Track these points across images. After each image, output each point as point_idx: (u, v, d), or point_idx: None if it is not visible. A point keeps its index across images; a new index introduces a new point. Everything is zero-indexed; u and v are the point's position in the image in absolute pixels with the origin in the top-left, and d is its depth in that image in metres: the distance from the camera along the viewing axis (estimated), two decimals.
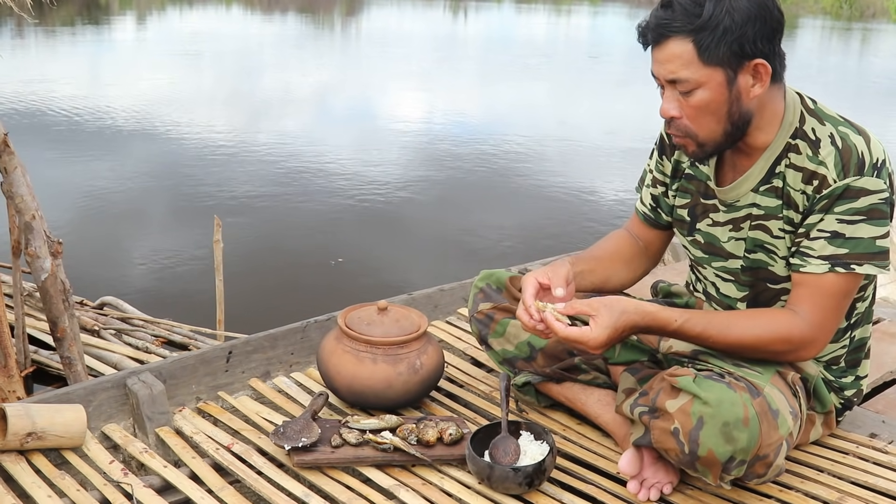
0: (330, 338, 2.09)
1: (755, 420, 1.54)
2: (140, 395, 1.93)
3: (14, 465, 1.72)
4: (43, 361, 3.00)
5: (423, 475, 1.80)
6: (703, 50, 1.57)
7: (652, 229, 2.02)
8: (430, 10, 25.07)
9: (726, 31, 1.55)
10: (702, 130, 1.66)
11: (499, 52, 15.61)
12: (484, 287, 2.08)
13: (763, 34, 1.57)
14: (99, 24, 16.56)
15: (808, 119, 1.68)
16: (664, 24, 1.59)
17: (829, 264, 1.64)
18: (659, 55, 1.62)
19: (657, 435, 1.62)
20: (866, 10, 27.15)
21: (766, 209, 1.73)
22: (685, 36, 1.57)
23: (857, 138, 1.64)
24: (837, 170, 1.62)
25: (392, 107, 9.60)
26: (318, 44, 16.09)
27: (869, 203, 1.61)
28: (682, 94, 1.63)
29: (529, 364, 2.03)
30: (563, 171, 6.78)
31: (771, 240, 1.74)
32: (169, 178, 6.05)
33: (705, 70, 1.58)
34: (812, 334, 1.66)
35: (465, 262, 4.48)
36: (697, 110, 1.63)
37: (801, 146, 1.67)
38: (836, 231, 1.62)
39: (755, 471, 1.60)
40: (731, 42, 1.56)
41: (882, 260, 1.64)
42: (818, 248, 1.64)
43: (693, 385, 1.58)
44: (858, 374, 1.93)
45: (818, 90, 7.31)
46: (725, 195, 1.79)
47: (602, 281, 1.96)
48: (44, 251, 2.46)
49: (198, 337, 3.26)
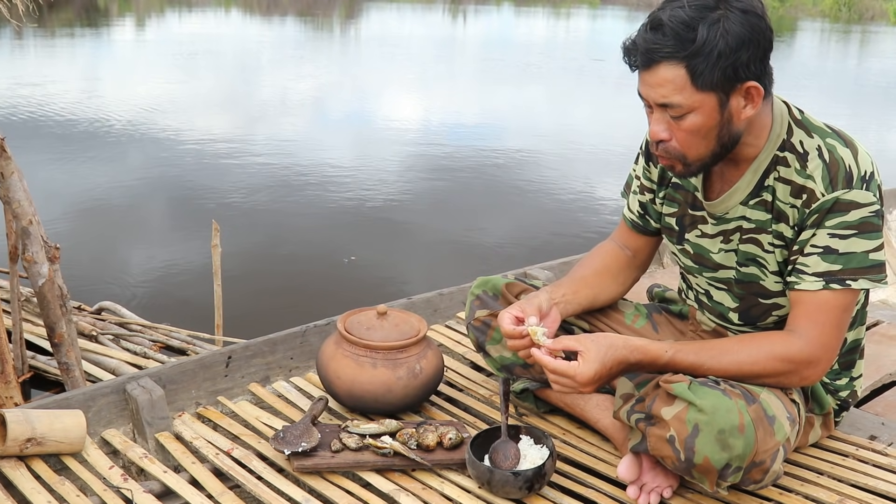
0: (329, 342, 2.09)
1: (751, 427, 1.54)
2: (140, 400, 1.93)
3: (14, 471, 1.72)
4: (41, 367, 2.99)
5: (423, 479, 1.80)
6: (697, 76, 1.53)
7: (640, 236, 2.00)
8: (430, 13, 25.10)
9: (720, 56, 1.51)
10: (691, 152, 1.63)
11: (498, 55, 15.62)
12: (480, 294, 2.07)
13: (756, 57, 1.54)
14: (97, 28, 16.56)
15: (796, 131, 1.66)
16: (655, 49, 1.54)
17: (823, 281, 1.61)
18: (649, 79, 1.58)
19: (653, 442, 1.62)
20: (865, 12, 27.19)
21: (756, 223, 1.72)
22: (678, 61, 1.53)
23: (844, 151, 1.61)
24: (825, 183, 1.59)
25: (392, 111, 9.61)
26: (317, 47, 16.10)
27: (860, 217, 1.59)
28: (674, 118, 1.59)
29: (527, 370, 2.03)
30: (563, 173, 6.78)
31: (762, 253, 1.73)
32: (167, 183, 6.05)
33: (698, 95, 1.55)
34: (813, 353, 1.63)
35: (465, 266, 4.47)
36: (689, 134, 1.60)
37: (790, 159, 1.65)
38: (829, 246, 1.60)
39: (752, 477, 1.60)
40: (724, 67, 1.52)
41: (877, 273, 1.62)
42: (812, 264, 1.62)
43: (688, 392, 1.57)
44: (853, 374, 1.93)
45: (818, 94, 7.28)
46: (714, 208, 1.77)
47: (590, 301, 1.94)
48: (41, 256, 2.46)
49: (196, 342, 3.25)
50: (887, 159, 8.14)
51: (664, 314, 2.04)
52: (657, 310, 2.05)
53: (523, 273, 2.86)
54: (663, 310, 2.06)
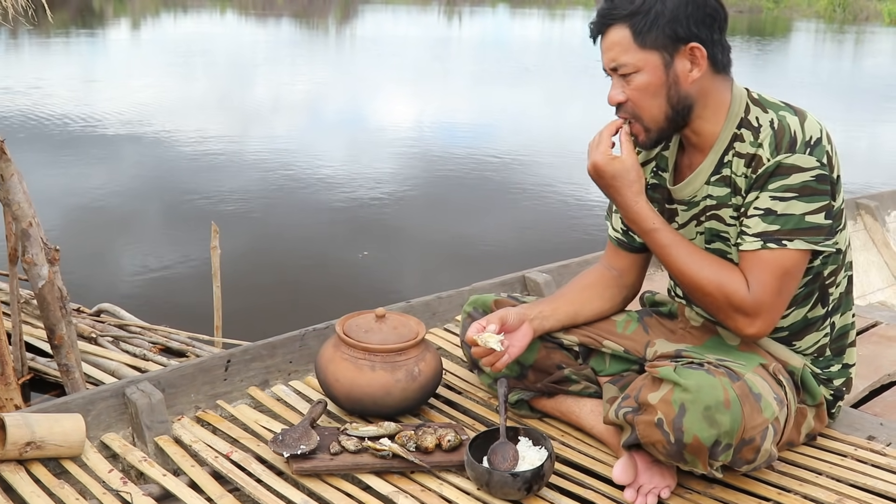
0: (328, 345, 2.09)
1: (736, 402, 1.57)
2: (139, 404, 1.93)
3: (13, 475, 1.72)
4: (40, 369, 3.00)
5: (422, 481, 1.80)
6: (638, 34, 1.66)
7: (626, 254, 2.03)
8: (425, 15, 25.10)
9: (658, 14, 1.64)
10: (645, 113, 1.73)
11: (494, 56, 15.64)
12: (471, 311, 2.10)
13: (696, 18, 1.65)
14: (93, 30, 16.55)
15: (753, 108, 1.74)
16: (605, 14, 1.70)
17: (761, 241, 1.67)
18: (603, 45, 1.72)
19: (642, 429, 1.64)
20: (859, 13, 27.26)
21: (718, 199, 1.78)
22: (622, 22, 1.67)
23: (792, 119, 1.68)
24: (771, 149, 1.67)
25: (390, 113, 9.62)
26: (312, 49, 16.10)
27: (801, 180, 1.65)
28: (624, 79, 1.71)
29: (521, 382, 2.05)
30: (563, 175, 6.79)
31: (725, 228, 1.79)
32: (166, 185, 6.05)
33: (642, 54, 1.67)
34: (751, 307, 1.69)
35: (465, 269, 4.47)
36: (639, 93, 1.70)
37: (745, 134, 1.72)
38: (769, 208, 1.67)
39: (744, 456, 1.62)
40: (663, 26, 1.65)
41: (814, 235, 1.67)
42: (753, 225, 1.69)
43: (673, 374, 1.62)
44: (845, 362, 1.95)
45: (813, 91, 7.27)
46: (681, 192, 1.84)
47: (570, 317, 1.99)
48: (41, 258, 2.46)
49: (195, 344, 3.25)
50: (887, 159, 8.17)
51: (655, 317, 2.06)
52: (648, 314, 2.07)
53: (521, 276, 2.87)
54: (654, 313, 2.08)
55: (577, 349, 2.02)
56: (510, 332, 1.87)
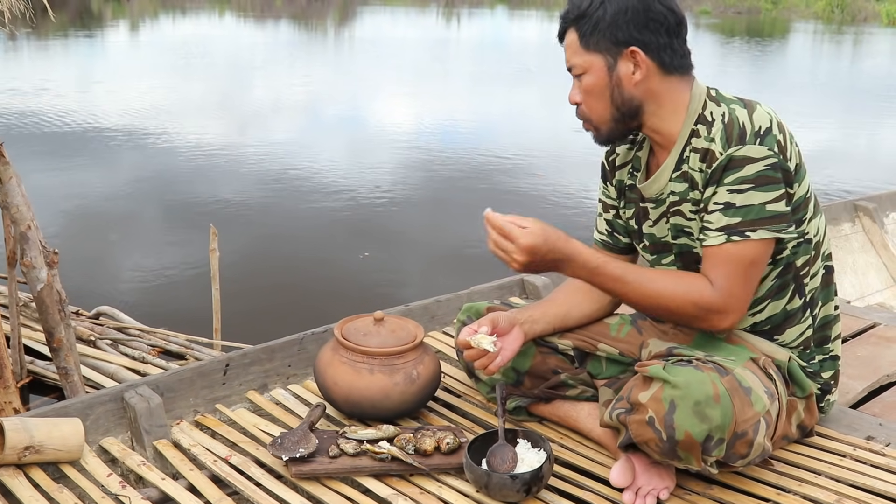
0: (327, 349, 2.09)
1: (726, 396, 1.58)
2: (138, 408, 1.93)
3: (12, 479, 1.72)
4: (39, 372, 2.99)
5: (421, 484, 1.80)
6: (583, 37, 1.75)
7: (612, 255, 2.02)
8: (424, 16, 25.12)
9: (599, 19, 1.71)
10: (593, 113, 1.80)
11: (493, 57, 15.64)
12: (465, 320, 2.11)
13: (637, 23, 1.70)
14: (92, 32, 16.56)
15: (709, 104, 1.76)
16: (562, 17, 1.80)
17: (725, 235, 1.69)
18: (564, 49, 1.81)
19: (635, 428, 1.64)
20: (858, 14, 27.29)
21: (679, 195, 1.81)
22: (571, 25, 1.77)
23: (741, 111, 1.71)
24: (723, 142, 1.69)
25: (388, 115, 9.62)
26: (311, 51, 16.10)
27: (756, 171, 1.67)
28: (577, 80, 1.79)
29: (518, 388, 2.06)
30: (563, 177, 6.80)
31: (687, 223, 1.81)
32: (165, 187, 6.05)
33: (587, 56, 1.75)
34: (722, 303, 1.70)
35: (464, 271, 4.47)
36: (587, 94, 1.78)
37: (701, 130, 1.75)
38: (728, 202, 1.68)
39: (737, 451, 1.62)
40: (604, 30, 1.72)
41: (776, 224, 1.69)
42: (715, 220, 1.71)
43: (662, 371, 1.63)
44: (832, 354, 1.95)
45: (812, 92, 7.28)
46: (649, 190, 1.87)
47: (560, 319, 2.01)
48: (39, 261, 2.46)
49: (195, 346, 3.25)
50: (885, 160, 8.17)
51: (648, 319, 2.06)
52: (641, 316, 2.07)
53: (520, 279, 2.87)
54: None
55: (572, 353, 2.03)
56: (501, 336, 1.88)
